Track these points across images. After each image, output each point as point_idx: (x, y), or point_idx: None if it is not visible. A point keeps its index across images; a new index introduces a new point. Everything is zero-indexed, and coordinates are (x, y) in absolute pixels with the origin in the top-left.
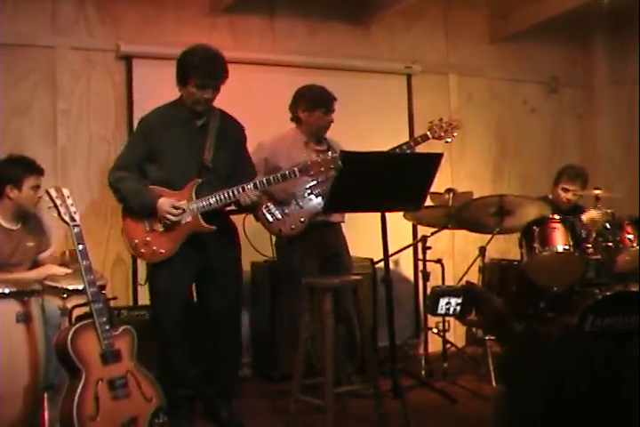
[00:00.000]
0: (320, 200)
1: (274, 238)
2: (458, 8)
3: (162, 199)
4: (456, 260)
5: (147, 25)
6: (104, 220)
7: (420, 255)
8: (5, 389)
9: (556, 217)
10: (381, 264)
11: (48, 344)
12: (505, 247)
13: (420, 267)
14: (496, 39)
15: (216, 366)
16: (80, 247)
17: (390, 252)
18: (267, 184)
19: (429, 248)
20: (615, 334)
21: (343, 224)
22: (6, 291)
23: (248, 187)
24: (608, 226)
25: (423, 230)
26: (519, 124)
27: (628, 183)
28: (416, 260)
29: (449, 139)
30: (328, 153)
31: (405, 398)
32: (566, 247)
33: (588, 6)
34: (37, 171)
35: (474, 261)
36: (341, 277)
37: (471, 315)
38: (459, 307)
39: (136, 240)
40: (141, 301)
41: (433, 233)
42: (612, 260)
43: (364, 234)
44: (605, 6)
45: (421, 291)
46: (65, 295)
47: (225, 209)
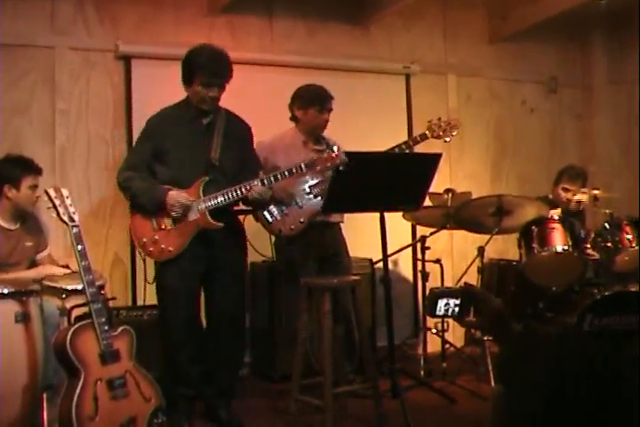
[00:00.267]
0: (319, 200)
1: (273, 238)
2: (456, 8)
3: (171, 192)
4: (455, 260)
5: (145, 25)
6: (102, 220)
7: (419, 255)
8: (4, 389)
9: (555, 217)
10: (380, 264)
11: (47, 344)
12: (504, 247)
13: (419, 267)
14: (495, 39)
15: (217, 366)
16: (79, 247)
17: (389, 252)
18: (274, 180)
19: (428, 248)
20: (614, 334)
21: (342, 224)
22: (5, 291)
23: (255, 183)
24: (607, 226)
25: (422, 230)
26: (518, 125)
27: (626, 183)
28: (415, 260)
29: (447, 138)
30: (334, 148)
31: (404, 398)
32: (565, 247)
33: (586, 6)
34: (35, 170)
35: (473, 262)
36: (340, 277)
37: (470, 316)
38: (457, 308)
39: (144, 239)
40: (140, 301)
41: (432, 233)
42: (611, 260)
43: (363, 234)
44: (603, 6)
45: (420, 291)
46: (64, 295)
47: (233, 208)
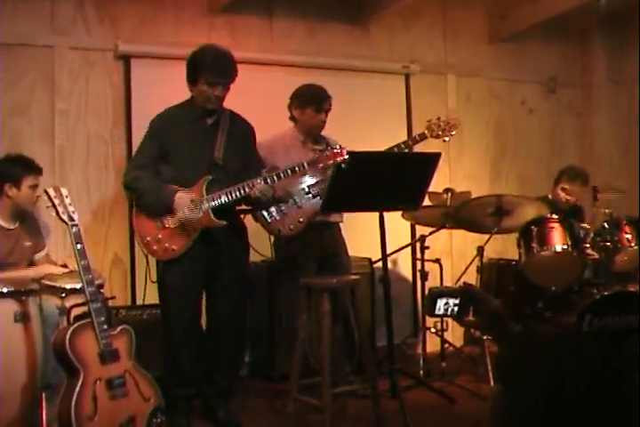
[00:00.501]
0: (318, 200)
1: (272, 238)
2: (456, 8)
3: (179, 194)
4: (454, 259)
5: (145, 25)
6: (102, 219)
7: (419, 255)
8: (3, 388)
9: (555, 217)
10: (380, 264)
11: (46, 344)
12: (503, 247)
13: (419, 266)
14: (494, 39)
15: (217, 365)
16: (78, 247)
17: (388, 251)
18: (277, 179)
19: (427, 248)
20: (613, 334)
21: (342, 224)
22: (4, 290)
23: (258, 182)
24: (606, 226)
25: (421, 230)
26: (517, 124)
27: (626, 182)
28: (414, 259)
29: (447, 138)
30: (337, 145)
31: (403, 398)
32: (564, 247)
33: (585, 6)
34: (36, 170)
35: (472, 261)
36: (339, 277)
37: (469, 316)
38: (456, 308)
39: (148, 237)
40: (139, 300)
41: (431, 233)
42: (611, 260)
43: (362, 234)
44: (603, 6)
45: (419, 291)
46: (63, 295)
47: (236, 208)
